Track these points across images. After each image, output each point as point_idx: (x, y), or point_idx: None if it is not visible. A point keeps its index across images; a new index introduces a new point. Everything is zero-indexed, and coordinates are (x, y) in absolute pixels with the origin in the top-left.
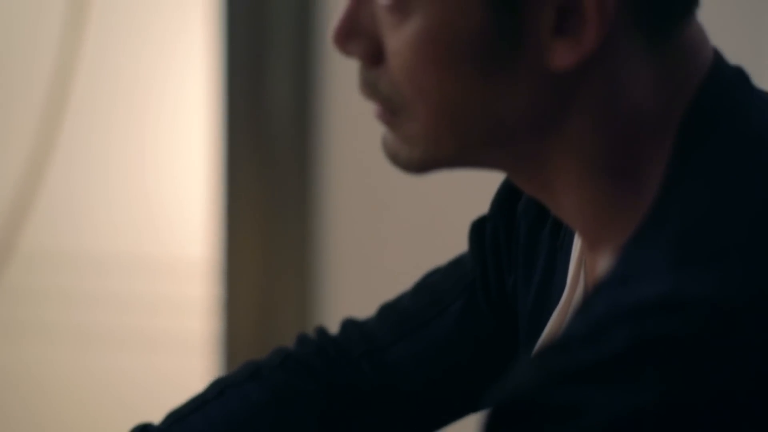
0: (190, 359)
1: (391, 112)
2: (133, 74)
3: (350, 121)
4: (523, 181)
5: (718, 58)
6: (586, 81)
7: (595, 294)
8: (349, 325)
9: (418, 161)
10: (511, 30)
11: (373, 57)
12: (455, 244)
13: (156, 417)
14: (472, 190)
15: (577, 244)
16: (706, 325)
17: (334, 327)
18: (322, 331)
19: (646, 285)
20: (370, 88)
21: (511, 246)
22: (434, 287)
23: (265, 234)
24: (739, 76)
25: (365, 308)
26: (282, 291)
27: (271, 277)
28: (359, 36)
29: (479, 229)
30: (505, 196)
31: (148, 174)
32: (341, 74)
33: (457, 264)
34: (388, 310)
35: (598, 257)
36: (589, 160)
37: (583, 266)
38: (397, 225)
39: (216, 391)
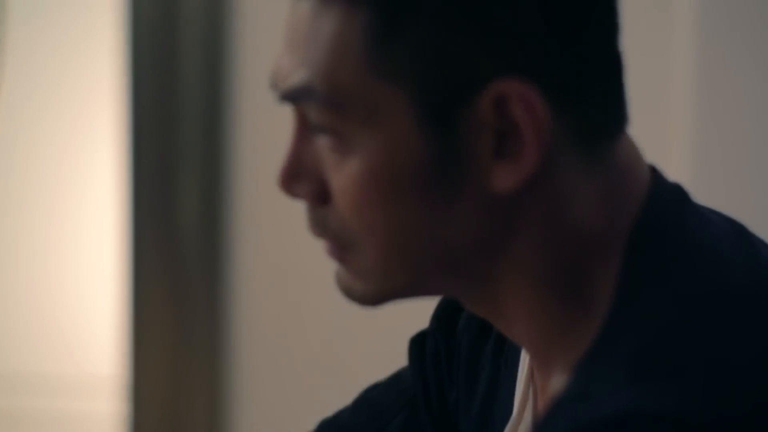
0: None
1: (341, 249)
2: (38, 195)
3: (260, 239)
4: (474, 304)
5: (657, 176)
6: (529, 202)
7: (554, 411)
8: None
9: (373, 295)
10: (451, 158)
11: (320, 197)
12: (367, 366)
13: None
14: (386, 310)
15: (524, 361)
16: None
17: None
18: None
19: (607, 401)
20: (319, 226)
21: (453, 361)
22: (375, 403)
23: (174, 351)
24: (678, 193)
25: (276, 426)
26: (190, 408)
27: (179, 395)
28: (304, 177)
29: (419, 344)
30: (446, 311)
31: (56, 293)
32: (250, 188)
33: (397, 379)
34: (328, 426)
35: (549, 375)
36: (537, 279)
37: (532, 384)
38: (309, 344)
39: None
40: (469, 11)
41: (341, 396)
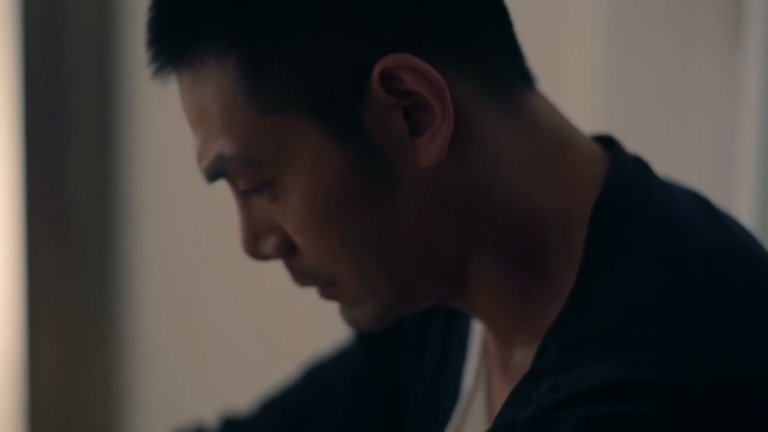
0: None
1: (328, 287)
2: None
3: (154, 226)
4: (450, 295)
5: (617, 147)
6: (467, 165)
7: (533, 382)
8: (231, 423)
9: (373, 318)
10: (373, 156)
11: (286, 248)
12: (268, 360)
13: None
14: (279, 302)
15: (477, 334)
16: (660, 407)
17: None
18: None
19: (590, 371)
20: (300, 276)
21: (401, 332)
22: (320, 379)
23: (68, 341)
24: (640, 165)
25: (171, 411)
26: (84, 393)
27: (73, 381)
28: (264, 237)
29: None
30: None
31: None
32: (144, 176)
33: (341, 354)
34: (273, 405)
35: (511, 350)
36: (498, 251)
37: (486, 357)
38: (203, 329)
39: None
40: (324, 20)
41: (238, 379)
